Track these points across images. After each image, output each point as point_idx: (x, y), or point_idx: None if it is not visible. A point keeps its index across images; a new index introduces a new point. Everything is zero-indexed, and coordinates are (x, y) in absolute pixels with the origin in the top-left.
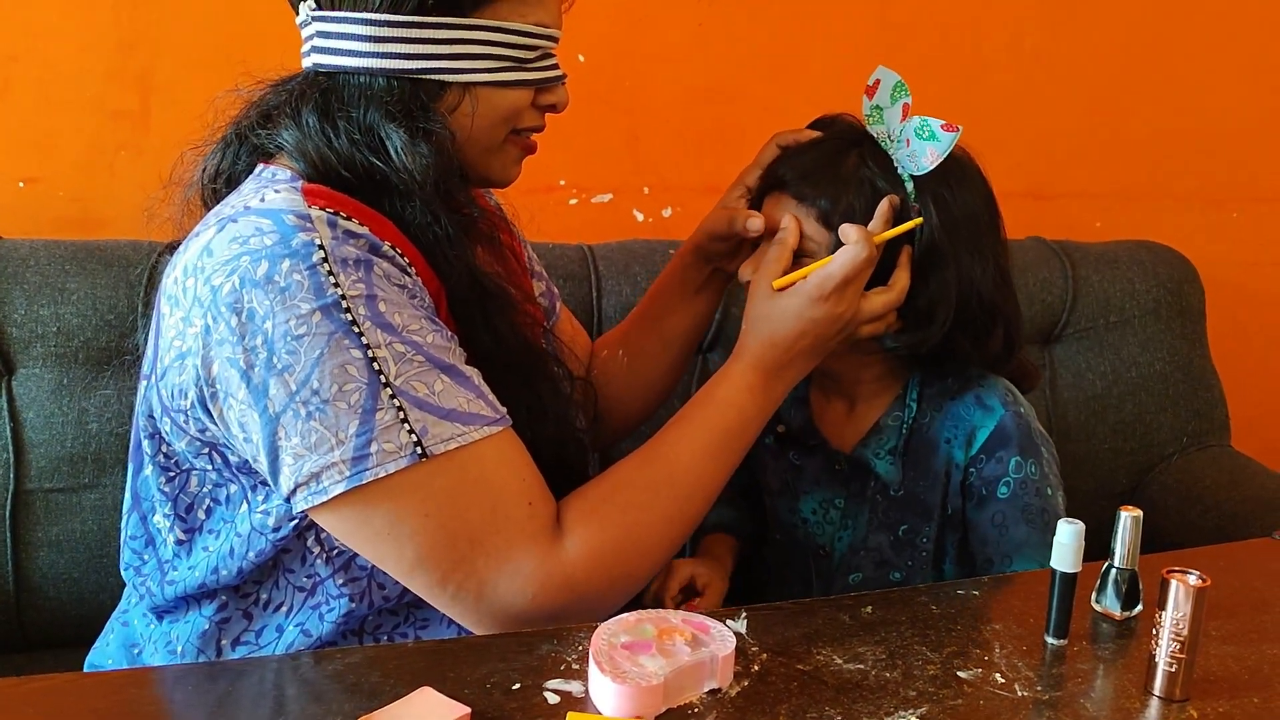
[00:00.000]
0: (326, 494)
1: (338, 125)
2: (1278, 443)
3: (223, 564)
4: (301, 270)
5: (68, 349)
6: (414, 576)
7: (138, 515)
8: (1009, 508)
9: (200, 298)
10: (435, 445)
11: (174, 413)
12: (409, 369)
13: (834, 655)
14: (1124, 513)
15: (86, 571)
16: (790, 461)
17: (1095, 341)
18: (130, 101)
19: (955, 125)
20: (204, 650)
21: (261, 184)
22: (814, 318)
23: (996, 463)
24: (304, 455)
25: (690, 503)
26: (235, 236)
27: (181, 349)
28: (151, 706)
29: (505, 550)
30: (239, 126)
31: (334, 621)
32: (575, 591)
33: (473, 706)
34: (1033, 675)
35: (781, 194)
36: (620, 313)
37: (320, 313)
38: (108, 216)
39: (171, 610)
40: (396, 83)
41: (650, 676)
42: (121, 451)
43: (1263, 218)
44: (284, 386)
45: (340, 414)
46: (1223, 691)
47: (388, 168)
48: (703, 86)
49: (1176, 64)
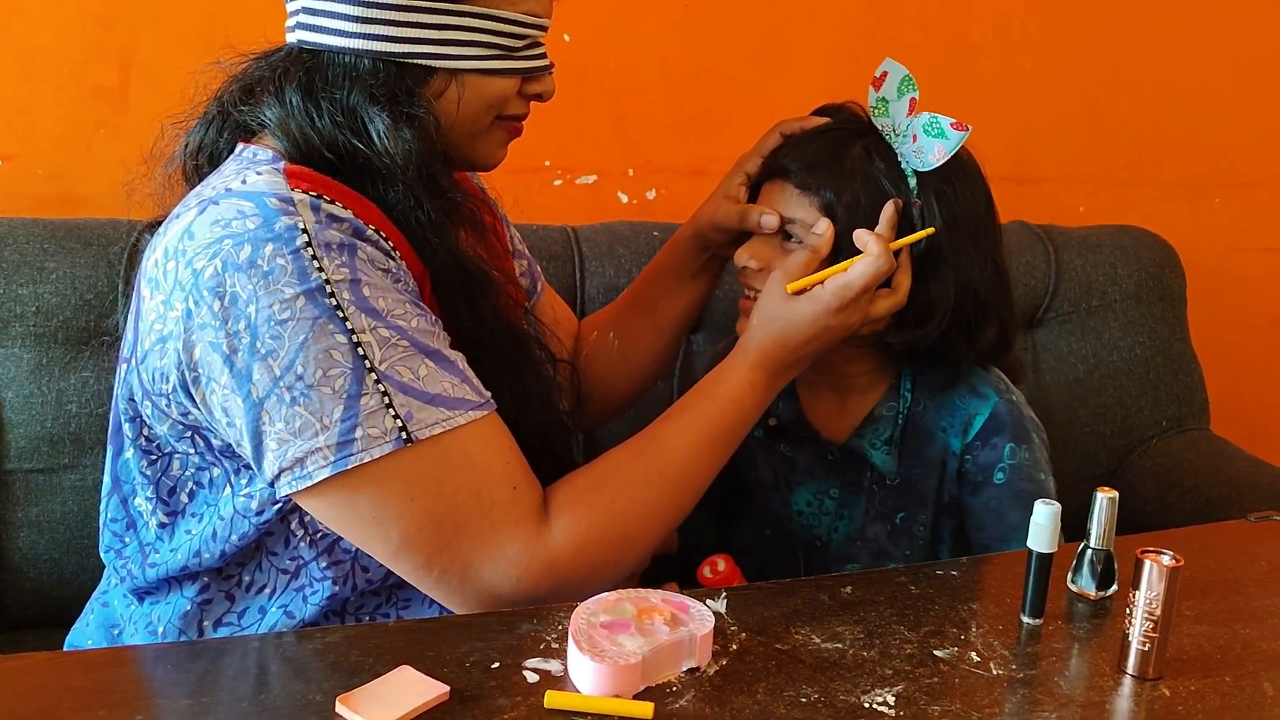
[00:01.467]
0: (311, 479)
1: (320, 105)
2: (1256, 427)
3: (205, 547)
4: (285, 254)
5: (46, 328)
6: (399, 560)
7: (118, 498)
8: (1004, 493)
9: (181, 281)
10: (420, 430)
11: (155, 396)
12: (394, 354)
13: (812, 635)
14: (1100, 494)
15: (66, 552)
16: (781, 454)
17: (1077, 325)
18: (109, 78)
19: (965, 124)
20: (185, 631)
21: (243, 165)
22: (828, 325)
23: (991, 449)
24: (288, 440)
25: (680, 495)
26: (217, 219)
27: (162, 332)
28: (131, 685)
29: (490, 534)
30: (221, 101)
31: (317, 604)
32: (559, 577)
33: (452, 685)
34: (1008, 654)
35: (784, 182)
36: (603, 294)
37: (304, 297)
38: (87, 194)
39: (153, 591)
40: (382, 65)
41: (629, 655)
42: (101, 432)
43: (1243, 203)
44: (268, 371)
45: (325, 399)
46: (1195, 670)
47: (370, 151)
48: (689, 69)
49: (1161, 50)
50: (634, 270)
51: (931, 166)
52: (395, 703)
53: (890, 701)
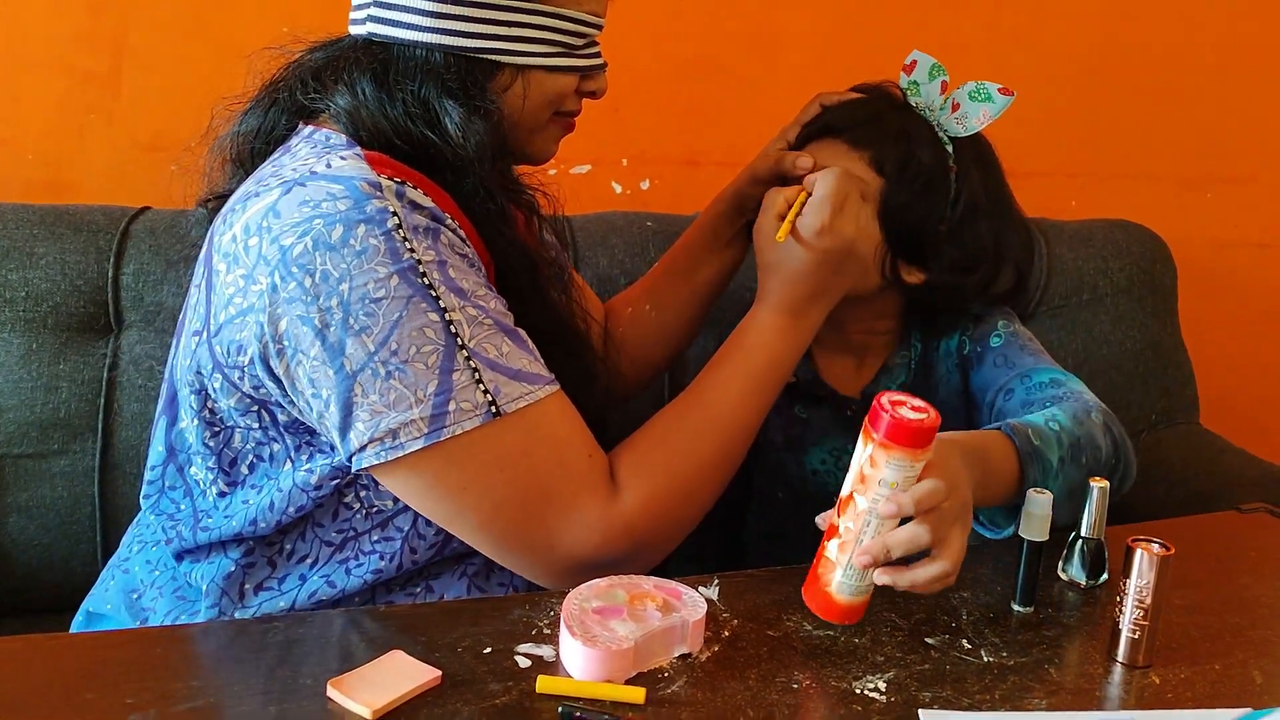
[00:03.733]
0: (403, 449)
1: (394, 95)
2: (1245, 421)
3: (261, 516)
4: (377, 235)
5: (37, 314)
6: (485, 531)
7: (174, 467)
8: (1005, 349)
9: (266, 256)
10: (507, 404)
11: (228, 369)
12: (480, 332)
13: (804, 621)
14: (1092, 483)
15: (56, 538)
16: (795, 415)
17: (1068, 318)
18: (101, 64)
19: (1010, 90)
20: (228, 591)
21: (319, 149)
22: (824, 248)
23: (985, 325)
24: (382, 412)
25: (732, 445)
26: (305, 200)
27: (243, 305)
28: (121, 668)
29: (572, 501)
30: (279, 86)
31: (360, 576)
32: (635, 539)
33: (443, 670)
34: (999, 641)
35: (834, 139)
36: (597, 284)
37: (398, 276)
38: (77, 181)
39: (193, 551)
40: (454, 59)
41: (621, 641)
42: (91, 417)
43: (1235, 199)
44: (362, 346)
45: (419, 374)
46: (1184, 658)
47: (443, 142)
48: (683, 59)
49: (1153, 45)
50: (627, 260)
51: (973, 130)
52: (386, 687)
53: (881, 688)
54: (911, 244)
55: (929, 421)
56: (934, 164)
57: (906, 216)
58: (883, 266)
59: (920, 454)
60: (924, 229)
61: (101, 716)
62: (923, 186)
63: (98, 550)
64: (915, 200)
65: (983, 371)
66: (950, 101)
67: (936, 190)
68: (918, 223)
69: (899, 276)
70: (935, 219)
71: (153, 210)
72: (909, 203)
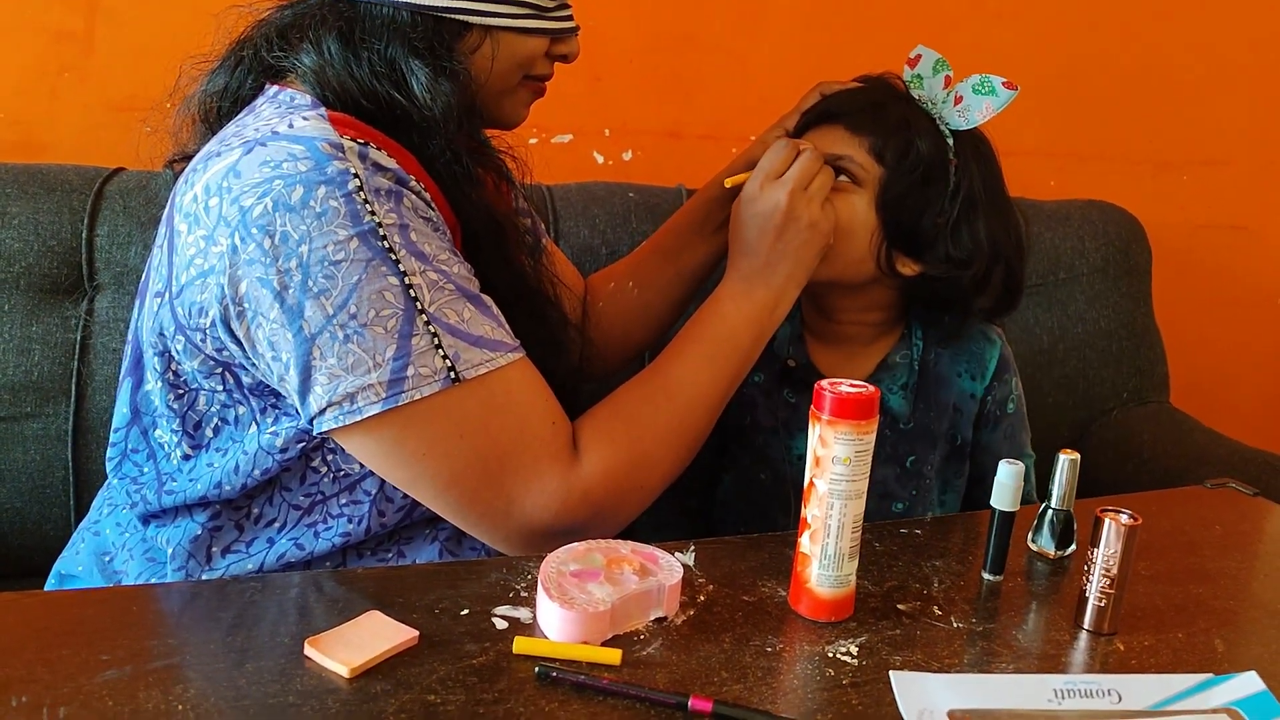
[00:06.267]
0: (360, 414)
1: (360, 55)
2: (1215, 400)
3: (226, 479)
4: (338, 197)
5: (9, 275)
6: (444, 496)
7: (138, 429)
8: (1015, 420)
9: (226, 217)
10: (467, 370)
11: (190, 331)
12: (441, 296)
13: (779, 587)
14: (1062, 455)
15: (29, 501)
16: (784, 399)
17: (1044, 297)
18: (74, 22)
19: (1014, 84)
20: (194, 555)
21: (283, 109)
22: (753, 212)
23: (1004, 385)
24: (340, 376)
25: (691, 413)
26: (266, 160)
27: (203, 267)
28: (98, 626)
29: (532, 467)
30: (246, 44)
31: (329, 539)
32: (594, 506)
33: (421, 630)
34: (968, 608)
35: (835, 125)
36: (577, 255)
37: (358, 239)
38: (49, 141)
39: (159, 515)
40: (420, 18)
41: (597, 603)
42: (64, 380)
43: (1210, 181)
44: (320, 309)
45: (378, 338)
46: (1148, 626)
47: (409, 103)
48: (666, 31)
49: (1133, 27)
50: (609, 231)
51: (976, 123)
52: (364, 646)
53: (854, 651)
54: (908, 235)
55: (868, 394)
56: (934, 155)
57: (904, 206)
58: (878, 256)
59: (865, 425)
60: (921, 220)
61: (76, 672)
62: (922, 177)
63: (70, 514)
64: (914, 190)
65: (995, 436)
66: (953, 94)
67: (936, 182)
68: (915, 213)
69: (894, 267)
70: (933, 211)
71: (126, 171)
72: (907, 193)
